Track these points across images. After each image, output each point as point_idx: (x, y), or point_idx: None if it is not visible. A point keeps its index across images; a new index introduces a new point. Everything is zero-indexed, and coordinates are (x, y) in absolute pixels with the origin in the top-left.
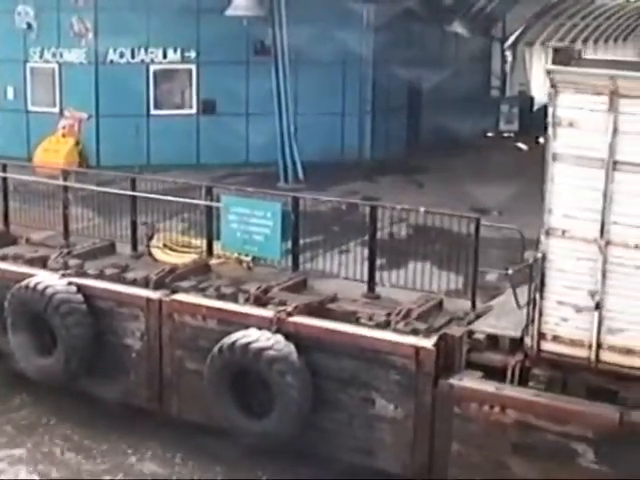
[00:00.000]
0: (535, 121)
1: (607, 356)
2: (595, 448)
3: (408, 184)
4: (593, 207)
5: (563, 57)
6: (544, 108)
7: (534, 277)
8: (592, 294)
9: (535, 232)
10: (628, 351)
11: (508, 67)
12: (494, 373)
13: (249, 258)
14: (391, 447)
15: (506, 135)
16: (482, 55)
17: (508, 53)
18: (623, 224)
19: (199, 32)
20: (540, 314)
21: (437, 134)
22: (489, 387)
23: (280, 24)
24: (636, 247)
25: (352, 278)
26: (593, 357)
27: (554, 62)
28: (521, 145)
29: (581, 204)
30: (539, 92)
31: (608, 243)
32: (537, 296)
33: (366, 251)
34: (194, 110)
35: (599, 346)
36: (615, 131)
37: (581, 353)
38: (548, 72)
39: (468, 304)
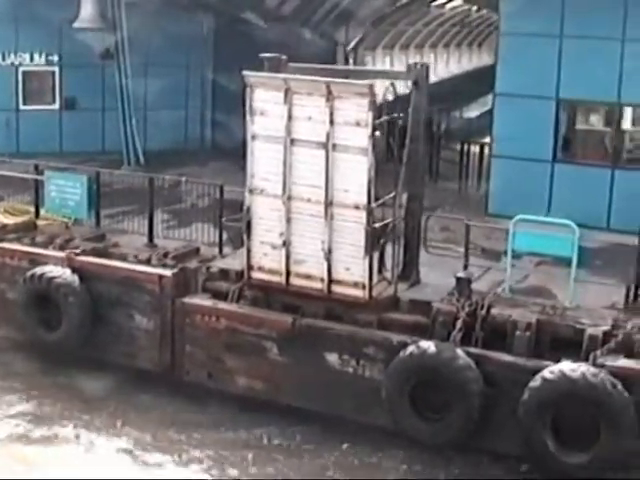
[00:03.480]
0: None
1: (295, 281)
2: (278, 345)
3: (233, 167)
4: (279, 172)
5: (273, 64)
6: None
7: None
8: (281, 235)
9: None
10: (308, 277)
11: None
12: (223, 296)
13: (70, 220)
14: (146, 351)
15: None
16: (327, 58)
17: (350, 56)
18: (299, 184)
19: (61, 39)
20: (249, 251)
21: None
22: (208, 303)
23: (121, 34)
24: (309, 200)
25: (141, 233)
26: (284, 282)
27: (266, 68)
28: None
29: (271, 170)
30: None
31: (290, 198)
32: (245, 238)
33: (164, 215)
34: (57, 106)
35: (289, 274)
36: (290, 117)
37: (277, 279)
38: (244, 76)
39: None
